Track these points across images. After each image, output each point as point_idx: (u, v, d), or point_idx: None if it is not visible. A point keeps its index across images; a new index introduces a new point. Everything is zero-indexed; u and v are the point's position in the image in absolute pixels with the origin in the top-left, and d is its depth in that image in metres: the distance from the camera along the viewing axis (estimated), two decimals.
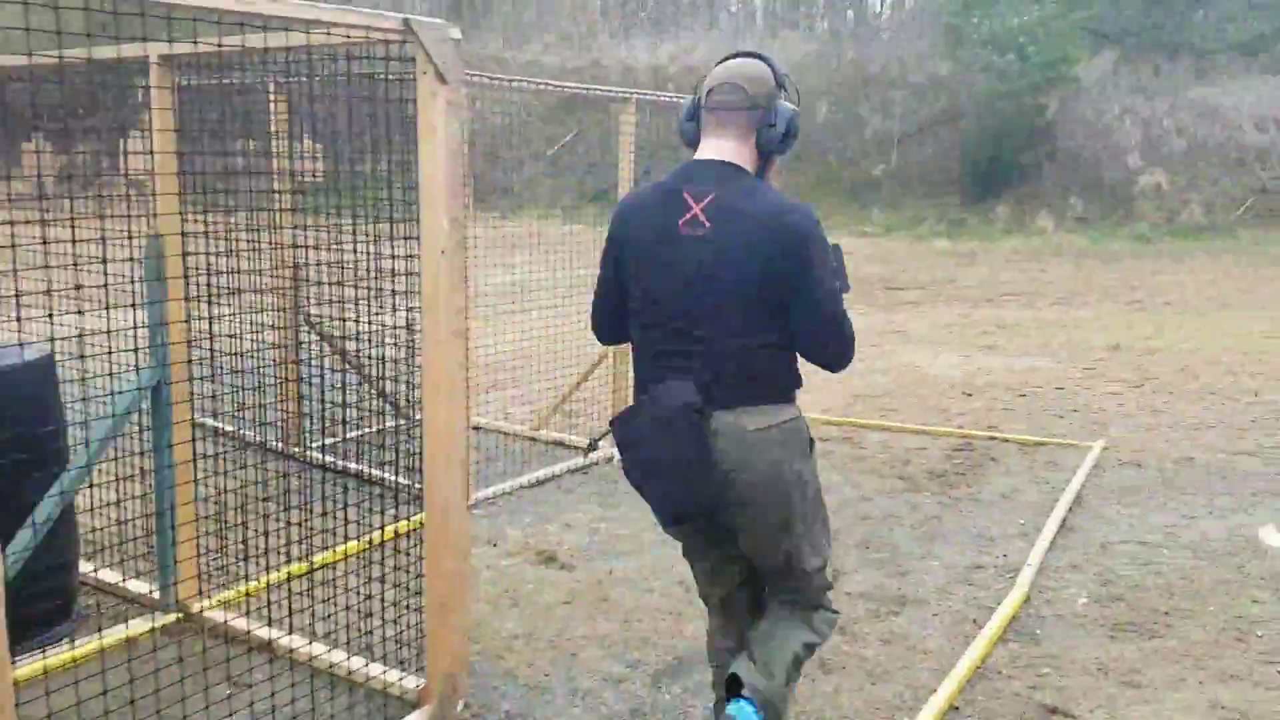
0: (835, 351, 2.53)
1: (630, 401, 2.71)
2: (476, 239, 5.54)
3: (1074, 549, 4.73)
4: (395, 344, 3.42)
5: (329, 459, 5.44)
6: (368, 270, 3.21)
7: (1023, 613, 4.03)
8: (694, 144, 2.58)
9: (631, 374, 2.73)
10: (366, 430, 5.70)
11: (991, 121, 21.92)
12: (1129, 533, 4.96)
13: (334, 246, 3.61)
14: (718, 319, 2.44)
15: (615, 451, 3.63)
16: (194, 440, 3.60)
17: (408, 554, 3.54)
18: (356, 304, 3.28)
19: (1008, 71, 21.83)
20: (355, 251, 3.29)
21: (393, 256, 3.12)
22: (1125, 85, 22.72)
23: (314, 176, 5.50)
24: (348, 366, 5.66)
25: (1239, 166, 21.12)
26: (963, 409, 7.51)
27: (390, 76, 3.05)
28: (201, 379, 3.68)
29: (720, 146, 2.51)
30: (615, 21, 27.30)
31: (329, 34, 2.87)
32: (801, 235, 2.40)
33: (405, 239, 3.05)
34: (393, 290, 3.16)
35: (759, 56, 2.58)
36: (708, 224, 2.42)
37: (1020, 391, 8.11)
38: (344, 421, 5.49)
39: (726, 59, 2.59)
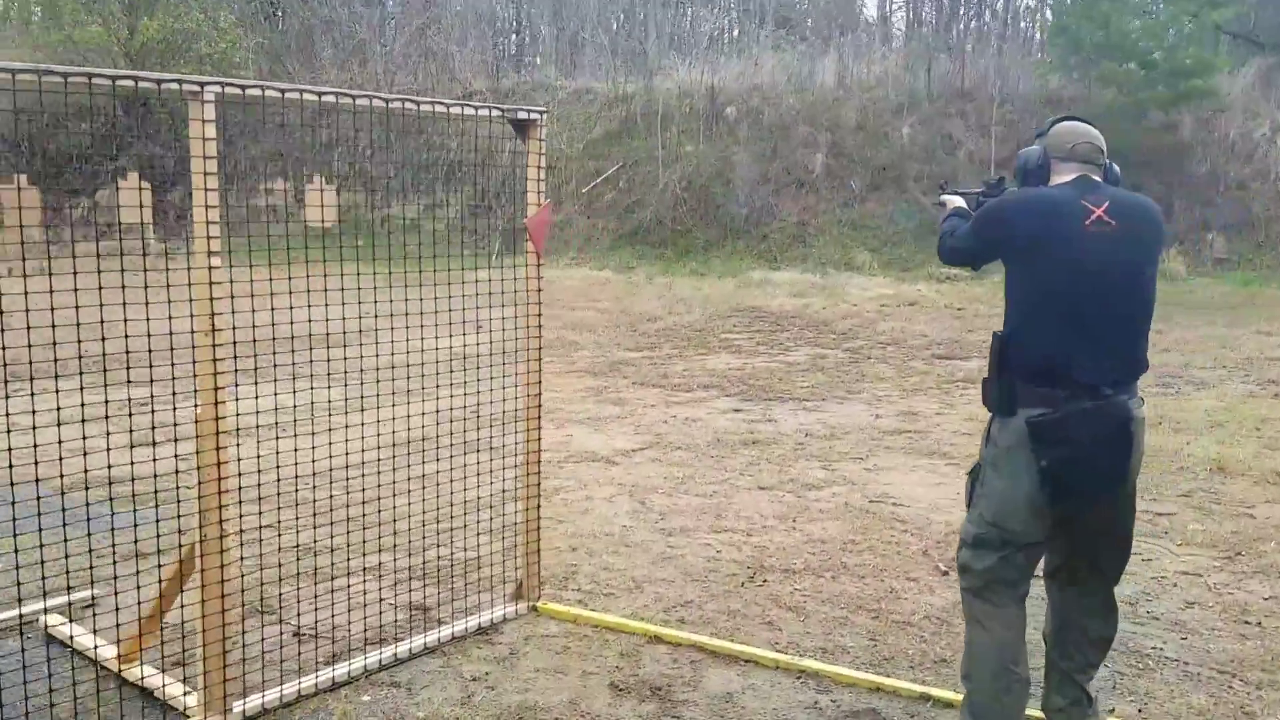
0: None
1: None
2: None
3: None
4: None
5: None
6: None
7: None
8: (1044, 180, 3.24)
9: None
10: None
11: (1110, 141, 18.26)
12: None
13: None
14: (1133, 297, 3.09)
15: None
16: None
17: None
18: None
19: (1129, 83, 18.20)
20: None
21: None
22: (1276, 99, 18.70)
23: None
24: None
25: None
26: (914, 607, 4.57)
27: None
28: None
29: (1089, 172, 3.22)
30: (676, 40, 24.76)
31: None
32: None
33: None
34: None
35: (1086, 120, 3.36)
36: (1113, 222, 3.06)
37: None
38: None
39: (1068, 119, 3.36)
